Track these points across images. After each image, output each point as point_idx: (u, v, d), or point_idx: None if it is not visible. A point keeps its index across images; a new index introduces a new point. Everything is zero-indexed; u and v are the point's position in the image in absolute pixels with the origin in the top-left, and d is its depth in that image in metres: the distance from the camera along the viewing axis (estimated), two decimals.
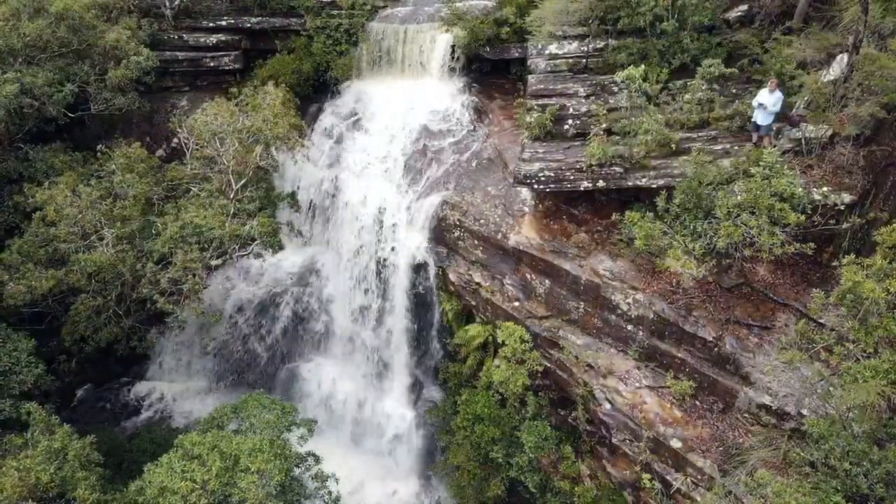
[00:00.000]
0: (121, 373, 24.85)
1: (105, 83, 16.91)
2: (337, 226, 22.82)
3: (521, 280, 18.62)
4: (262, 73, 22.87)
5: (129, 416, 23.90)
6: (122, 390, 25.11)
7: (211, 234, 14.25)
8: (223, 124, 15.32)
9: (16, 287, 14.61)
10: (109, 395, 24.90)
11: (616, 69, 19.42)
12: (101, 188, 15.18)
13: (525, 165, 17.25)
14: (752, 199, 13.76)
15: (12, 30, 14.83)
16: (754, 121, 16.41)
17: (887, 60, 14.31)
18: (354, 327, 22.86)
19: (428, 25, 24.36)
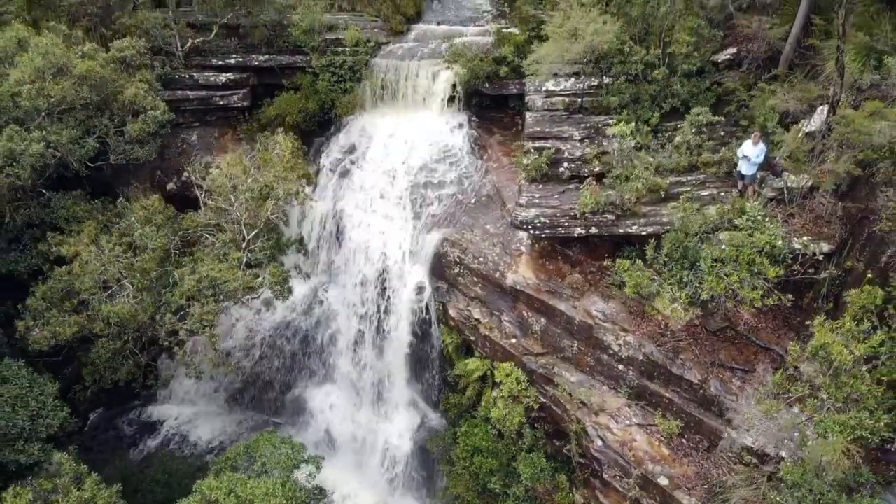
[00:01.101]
0: (131, 396, 25.70)
1: (124, 135, 17.79)
2: (341, 259, 23.66)
3: (519, 317, 19.49)
4: (270, 112, 23.75)
5: (141, 441, 24.78)
6: (134, 414, 26.03)
7: (226, 287, 15.18)
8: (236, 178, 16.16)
9: (41, 333, 15.53)
10: (121, 419, 25.80)
11: (610, 111, 20.40)
12: (122, 242, 16.06)
13: (522, 211, 18.11)
14: (735, 253, 14.63)
15: (39, 92, 15.72)
16: (739, 170, 17.27)
17: (861, 120, 15.13)
18: (357, 356, 23.72)
19: (429, 62, 25.17)
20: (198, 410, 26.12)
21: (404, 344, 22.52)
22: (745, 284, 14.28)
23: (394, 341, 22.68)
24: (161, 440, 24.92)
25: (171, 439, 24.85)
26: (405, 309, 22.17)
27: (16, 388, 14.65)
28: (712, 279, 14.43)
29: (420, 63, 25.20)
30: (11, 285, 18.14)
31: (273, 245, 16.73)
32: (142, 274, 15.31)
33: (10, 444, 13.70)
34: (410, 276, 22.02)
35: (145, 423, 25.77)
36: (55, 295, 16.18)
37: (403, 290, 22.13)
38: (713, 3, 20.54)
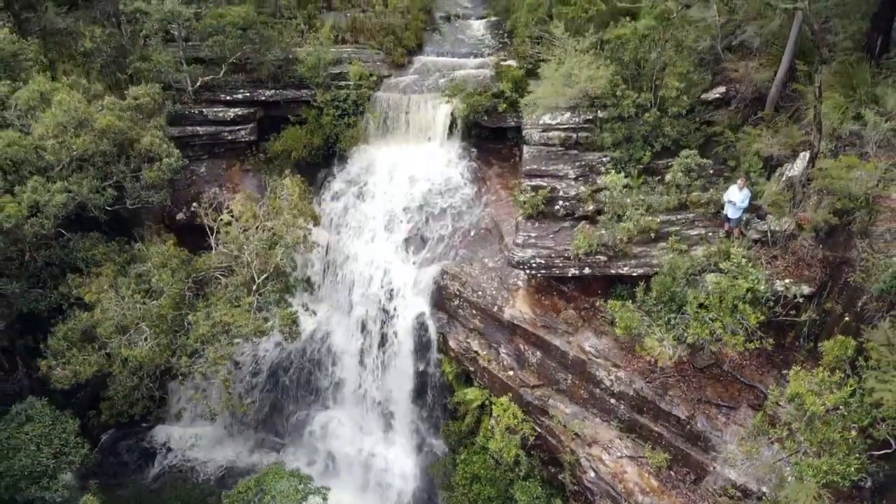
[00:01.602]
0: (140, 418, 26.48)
1: (139, 181, 18.67)
2: (345, 287, 24.53)
3: (516, 350, 20.35)
4: (276, 147, 24.65)
5: (151, 462, 25.57)
6: (143, 435, 26.83)
7: (239, 332, 16.04)
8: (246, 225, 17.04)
9: (62, 372, 16.40)
10: (131, 440, 26.59)
11: (604, 148, 21.24)
12: (140, 289, 16.95)
13: (519, 251, 18.96)
14: (718, 300, 15.49)
15: (62, 146, 16.59)
16: (725, 213, 18.12)
17: (838, 171, 15.97)
18: (361, 381, 24.59)
19: (430, 95, 26.07)
20: (205, 432, 26.92)
21: (405, 371, 23.38)
22: (728, 330, 15.13)
23: (395, 369, 23.53)
24: (171, 461, 25.73)
25: (182, 460, 25.65)
26: (406, 338, 23.03)
27: (40, 427, 15.51)
28: (697, 325, 15.28)
29: (421, 97, 26.10)
30: (32, 321, 19.00)
31: (282, 288, 17.61)
32: (159, 319, 16.17)
33: (35, 481, 14.53)
34: (412, 306, 22.89)
35: (155, 443, 26.58)
36: (75, 335, 17.07)
37: (405, 320, 22.99)
38: (703, 45, 21.44)
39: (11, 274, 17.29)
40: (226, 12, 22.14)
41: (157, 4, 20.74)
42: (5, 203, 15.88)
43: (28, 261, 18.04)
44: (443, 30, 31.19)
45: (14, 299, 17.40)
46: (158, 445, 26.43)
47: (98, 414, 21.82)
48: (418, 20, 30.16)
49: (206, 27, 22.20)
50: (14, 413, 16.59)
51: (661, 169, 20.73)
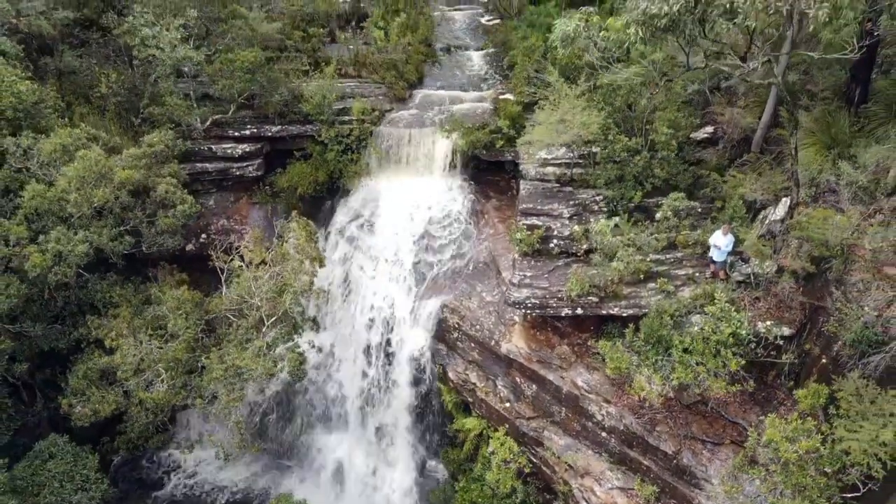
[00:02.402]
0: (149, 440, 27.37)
1: (155, 227, 19.63)
2: (349, 317, 25.48)
3: (512, 382, 21.29)
4: (282, 182, 25.62)
5: (161, 484, 26.50)
6: (152, 457, 27.72)
7: (250, 376, 17.00)
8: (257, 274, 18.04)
9: (82, 410, 17.36)
10: (141, 461, 27.50)
11: (597, 186, 22.18)
12: (157, 334, 17.92)
13: (515, 292, 19.90)
14: (702, 345, 16.44)
15: (83, 199, 17.56)
16: (711, 256, 19.09)
17: (816, 221, 16.90)
18: (364, 407, 25.52)
19: (430, 130, 26.98)
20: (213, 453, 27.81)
21: (406, 399, 24.33)
22: (711, 374, 16.09)
23: (397, 397, 24.48)
24: (182, 483, 26.64)
25: (192, 483, 26.55)
26: (407, 368, 23.99)
27: (62, 464, 16.45)
28: (681, 369, 16.23)
29: (422, 132, 27.01)
30: (50, 355, 19.96)
31: (289, 330, 18.55)
32: (174, 362, 17.11)
33: None
34: (412, 337, 23.85)
35: (166, 465, 27.48)
36: (94, 374, 18.03)
37: (406, 350, 23.95)
38: (692, 89, 22.43)
39: (34, 315, 18.29)
40: (235, 57, 23.10)
41: (170, 51, 21.72)
42: (31, 253, 16.89)
43: (48, 300, 19.00)
44: (443, 62, 32.13)
45: (36, 339, 18.38)
46: (169, 467, 27.36)
47: (112, 440, 22.84)
48: (419, 53, 31.11)
49: (216, 71, 23.17)
50: (38, 450, 17.55)
51: (651, 207, 21.67)
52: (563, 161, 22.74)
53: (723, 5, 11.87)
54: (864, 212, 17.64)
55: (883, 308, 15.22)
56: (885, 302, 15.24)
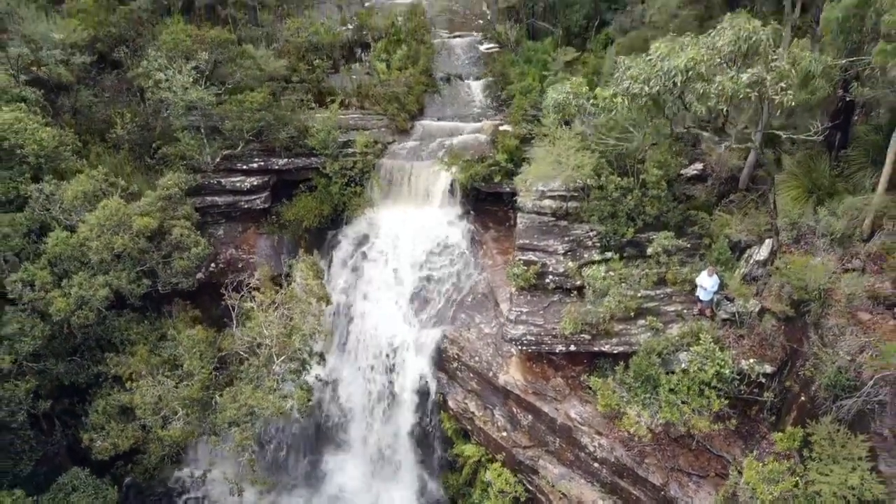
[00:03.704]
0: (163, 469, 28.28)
1: (170, 268, 20.66)
2: (352, 344, 26.51)
3: (509, 412, 22.29)
4: (289, 215, 26.66)
5: None
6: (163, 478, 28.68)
7: (262, 414, 18.01)
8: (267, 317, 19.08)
9: (103, 444, 18.37)
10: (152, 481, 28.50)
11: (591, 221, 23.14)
12: (174, 375, 18.95)
13: (512, 328, 20.90)
14: (687, 386, 17.45)
15: (104, 246, 18.58)
16: (697, 295, 20.08)
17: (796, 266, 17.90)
18: (368, 430, 26.55)
19: (430, 162, 28.01)
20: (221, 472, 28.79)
21: (408, 425, 25.36)
22: (696, 413, 17.09)
23: (399, 422, 25.50)
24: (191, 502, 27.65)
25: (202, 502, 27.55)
26: (409, 395, 25.01)
27: (84, 497, 17.45)
28: (668, 408, 17.23)
29: (422, 164, 28.06)
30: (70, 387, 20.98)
31: (298, 368, 19.55)
32: (190, 401, 18.13)
33: None
34: (414, 366, 24.86)
35: (175, 485, 28.45)
36: (113, 410, 19.07)
37: (407, 378, 24.97)
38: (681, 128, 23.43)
39: (55, 352, 19.30)
40: (244, 98, 24.12)
41: (182, 94, 22.73)
42: (55, 297, 17.94)
43: (67, 335, 20.02)
44: (443, 91, 33.09)
45: (58, 375, 19.39)
46: (179, 485, 28.32)
47: (125, 464, 23.84)
48: (420, 83, 32.08)
49: (225, 111, 24.19)
50: (61, 483, 18.57)
51: (643, 242, 22.61)
52: (559, 194, 23.65)
53: (697, 91, 12.84)
54: (842, 255, 18.68)
55: (856, 353, 16.20)
56: (858, 347, 16.22)
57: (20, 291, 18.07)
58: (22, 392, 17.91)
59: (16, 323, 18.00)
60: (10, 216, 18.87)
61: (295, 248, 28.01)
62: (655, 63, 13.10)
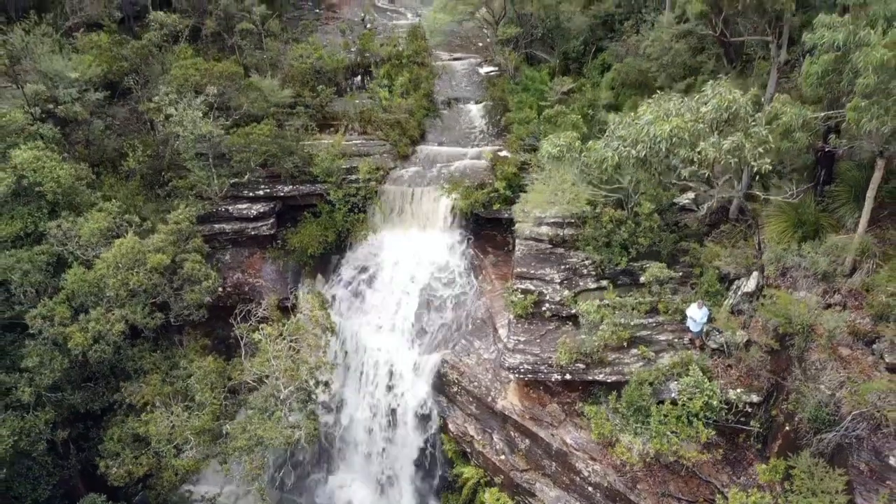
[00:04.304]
0: None
1: (182, 300, 21.54)
2: (355, 366, 27.36)
3: (507, 436, 23.13)
4: (294, 242, 27.52)
5: None
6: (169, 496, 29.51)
7: (271, 444, 18.86)
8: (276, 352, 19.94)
9: (118, 471, 19.23)
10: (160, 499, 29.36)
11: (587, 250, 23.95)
12: (187, 406, 19.80)
13: (509, 357, 21.74)
14: (676, 417, 18.28)
15: (120, 283, 19.47)
16: (688, 325, 20.91)
17: (781, 301, 18.71)
18: (371, 450, 27.40)
19: (431, 188, 28.88)
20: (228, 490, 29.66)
21: (409, 445, 26.21)
22: (685, 444, 17.92)
23: (401, 442, 26.34)
24: None
25: None
26: (410, 417, 25.86)
27: None
28: (657, 440, 18.07)
29: (423, 189, 28.92)
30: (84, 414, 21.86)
31: (305, 398, 20.40)
32: (201, 431, 19.00)
33: None
34: (415, 389, 25.71)
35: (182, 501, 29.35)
36: (127, 438, 19.95)
37: (409, 400, 25.81)
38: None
39: (72, 382, 20.16)
40: (251, 130, 25.00)
41: (192, 128, 23.60)
42: (73, 332, 18.80)
43: (83, 364, 20.89)
44: (444, 116, 34.01)
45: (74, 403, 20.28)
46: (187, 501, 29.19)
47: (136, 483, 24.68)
48: (421, 107, 33.02)
49: (233, 143, 25.06)
50: None
51: (636, 271, 23.41)
52: (556, 221, 24.48)
53: (681, 157, 13.67)
54: (825, 290, 19.50)
55: (836, 388, 17.02)
56: (838, 382, 17.04)
57: (41, 326, 18.97)
58: (42, 423, 18.81)
59: (36, 356, 18.93)
60: (29, 253, 19.75)
61: (300, 272, 28.96)
62: (643, 128, 13.91)
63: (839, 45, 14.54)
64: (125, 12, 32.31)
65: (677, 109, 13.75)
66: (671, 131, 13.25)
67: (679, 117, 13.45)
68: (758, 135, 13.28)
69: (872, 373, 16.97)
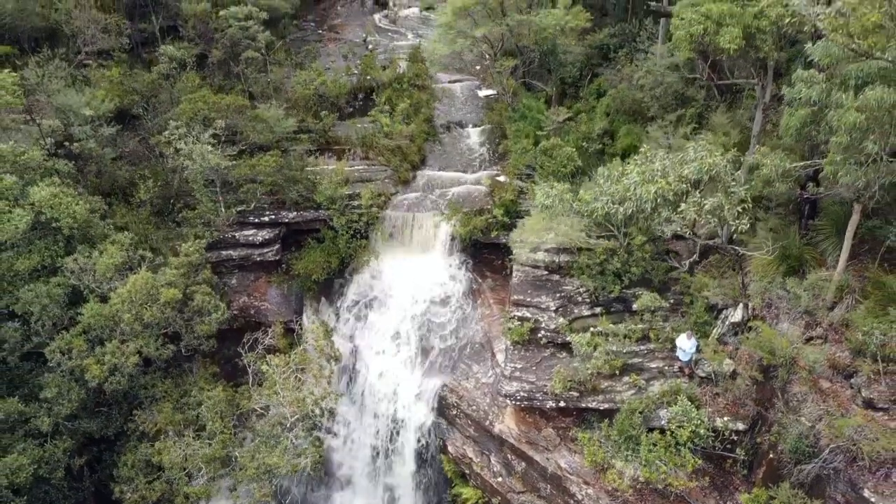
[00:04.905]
0: None
1: (193, 332, 22.47)
2: (358, 389, 28.26)
3: (504, 459, 24.04)
4: (299, 268, 28.43)
5: None
6: None
7: (279, 473, 19.76)
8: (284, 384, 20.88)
9: (132, 497, 20.14)
10: None
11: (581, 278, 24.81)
12: (199, 437, 20.75)
13: (506, 385, 22.66)
14: (664, 447, 19.19)
15: (135, 318, 20.40)
16: (678, 354, 21.82)
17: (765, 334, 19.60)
18: (373, 470, 28.28)
19: (432, 213, 29.73)
20: None
21: (410, 465, 27.13)
22: (672, 472, 18.84)
23: (402, 464, 27.26)
24: None
25: None
26: (411, 438, 26.78)
27: None
28: (646, 469, 18.98)
29: (424, 215, 29.75)
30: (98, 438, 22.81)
31: (311, 426, 21.32)
32: (212, 459, 19.92)
33: None
34: (415, 411, 26.61)
35: None
36: (140, 464, 20.89)
37: (409, 422, 26.72)
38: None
39: (88, 410, 21.09)
40: (257, 162, 25.93)
41: (201, 161, 24.52)
42: (90, 365, 19.75)
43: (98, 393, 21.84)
44: (443, 140, 34.85)
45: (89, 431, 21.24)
46: None
47: None
48: (422, 132, 33.86)
49: (240, 175, 26.00)
50: None
51: (629, 298, 24.34)
52: (552, 247, 25.39)
53: (664, 217, 14.58)
54: (809, 322, 20.39)
55: (815, 420, 17.92)
56: (818, 415, 17.94)
57: (59, 360, 19.93)
58: (60, 451, 19.74)
59: (55, 387, 19.88)
60: (48, 287, 20.70)
61: (304, 296, 29.86)
62: (629, 186, 14.82)
63: (815, 101, 15.45)
64: (133, 40, 33.30)
65: (662, 170, 14.64)
66: (656, 192, 14.16)
67: (664, 178, 14.35)
68: (737, 195, 14.18)
69: (850, 406, 17.87)
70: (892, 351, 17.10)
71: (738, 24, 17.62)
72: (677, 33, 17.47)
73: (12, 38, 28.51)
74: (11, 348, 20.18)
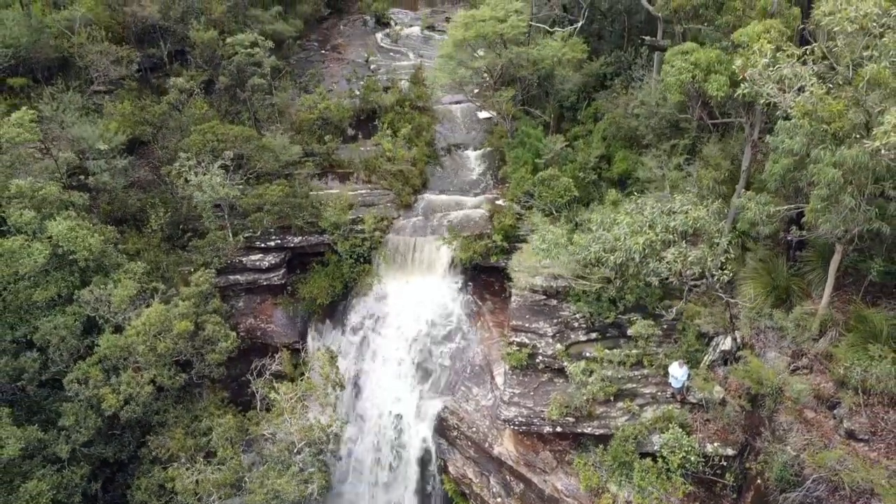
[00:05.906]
0: None
1: (203, 360, 23.36)
2: (362, 406, 29.13)
3: (503, 480, 24.90)
4: (304, 292, 29.32)
5: None
6: None
7: (286, 498, 20.62)
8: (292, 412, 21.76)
9: None
10: None
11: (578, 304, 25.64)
12: (209, 462, 21.63)
13: (505, 410, 23.52)
14: (656, 474, 20.06)
15: (149, 349, 21.32)
16: (670, 381, 22.68)
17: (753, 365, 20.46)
18: (376, 488, 29.14)
19: (433, 238, 30.60)
20: None
21: (413, 484, 27.97)
22: (664, 499, 19.70)
23: (405, 482, 28.11)
24: None
25: None
26: (413, 457, 27.63)
27: None
28: (638, 496, 19.85)
29: (425, 239, 30.64)
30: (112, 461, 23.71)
31: (317, 452, 22.18)
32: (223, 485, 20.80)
33: None
34: (417, 431, 27.48)
35: None
36: (153, 487, 21.76)
37: (412, 440, 27.58)
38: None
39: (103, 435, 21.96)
40: (264, 192, 26.83)
41: (210, 192, 25.42)
42: (106, 395, 20.63)
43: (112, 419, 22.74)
44: (444, 163, 35.72)
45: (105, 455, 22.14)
46: None
47: None
48: (424, 155, 34.73)
49: (248, 204, 26.89)
50: None
51: (624, 323, 25.16)
52: (550, 272, 26.20)
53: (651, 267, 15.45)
54: (795, 351, 21.26)
55: (800, 449, 18.77)
56: (802, 444, 18.79)
57: (77, 389, 20.82)
58: (78, 477, 20.61)
59: (72, 416, 20.76)
60: (65, 318, 21.59)
61: (309, 317, 30.74)
62: (619, 236, 15.70)
63: (796, 152, 16.34)
64: (143, 66, 34.21)
65: (651, 220, 15.52)
66: (644, 243, 15.04)
67: (651, 230, 15.23)
68: (721, 246, 15.06)
69: (833, 436, 18.70)
70: (871, 386, 17.92)
71: (726, 71, 18.49)
72: (668, 79, 18.36)
73: (27, 70, 29.41)
74: (31, 377, 21.10)
